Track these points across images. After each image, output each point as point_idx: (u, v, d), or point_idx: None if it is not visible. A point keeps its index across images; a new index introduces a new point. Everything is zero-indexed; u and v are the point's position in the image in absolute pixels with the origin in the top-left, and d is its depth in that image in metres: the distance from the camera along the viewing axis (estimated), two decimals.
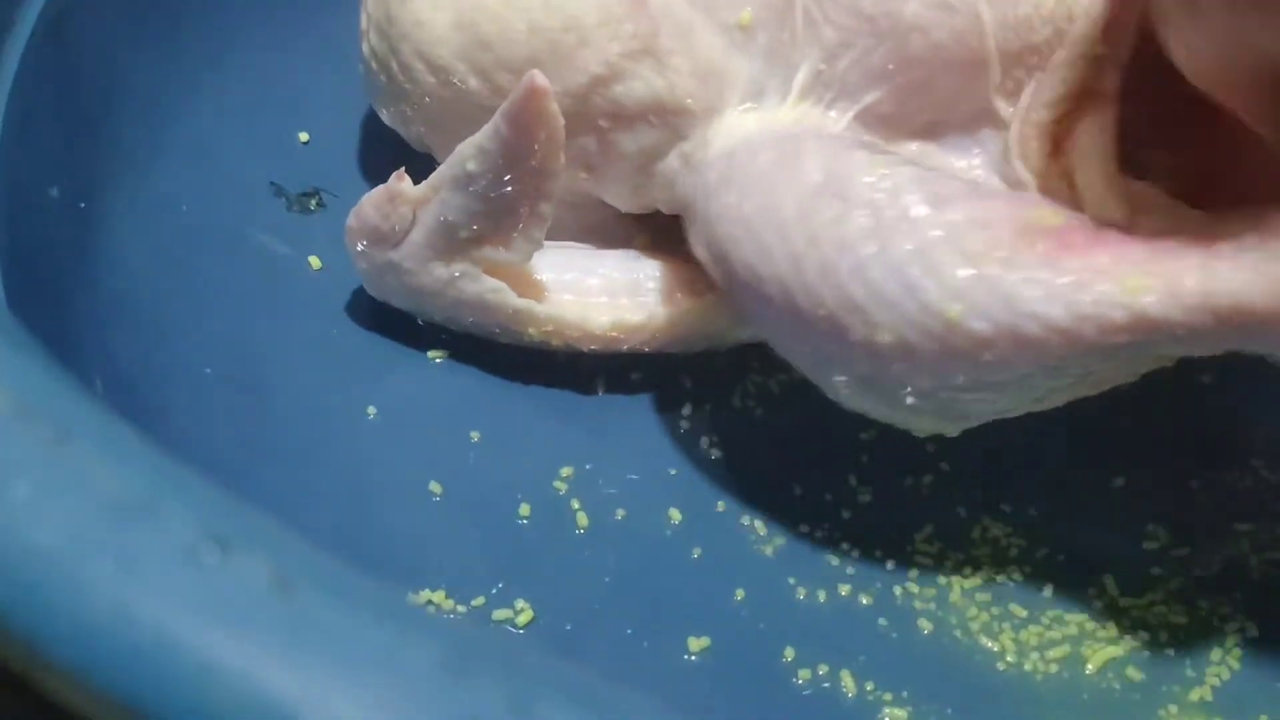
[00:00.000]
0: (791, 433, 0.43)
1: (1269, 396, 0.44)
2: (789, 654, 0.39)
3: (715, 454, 0.43)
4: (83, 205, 0.42)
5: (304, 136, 0.48)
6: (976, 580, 0.41)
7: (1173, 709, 0.38)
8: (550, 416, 0.43)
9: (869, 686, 0.39)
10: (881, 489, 0.42)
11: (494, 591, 0.40)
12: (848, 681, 0.39)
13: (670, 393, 0.44)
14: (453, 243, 0.41)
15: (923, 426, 0.39)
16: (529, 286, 0.43)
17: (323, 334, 0.44)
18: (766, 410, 0.44)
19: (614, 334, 0.43)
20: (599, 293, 0.43)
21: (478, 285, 0.42)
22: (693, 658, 0.39)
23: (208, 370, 0.42)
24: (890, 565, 0.41)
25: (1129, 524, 0.42)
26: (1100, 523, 0.42)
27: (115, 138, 0.44)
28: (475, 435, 0.43)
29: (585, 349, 0.43)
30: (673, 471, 0.43)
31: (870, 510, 0.42)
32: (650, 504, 0.42)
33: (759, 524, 0.42)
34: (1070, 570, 0.41)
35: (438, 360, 0.44)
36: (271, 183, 0.47)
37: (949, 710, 0.38)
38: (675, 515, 0.42)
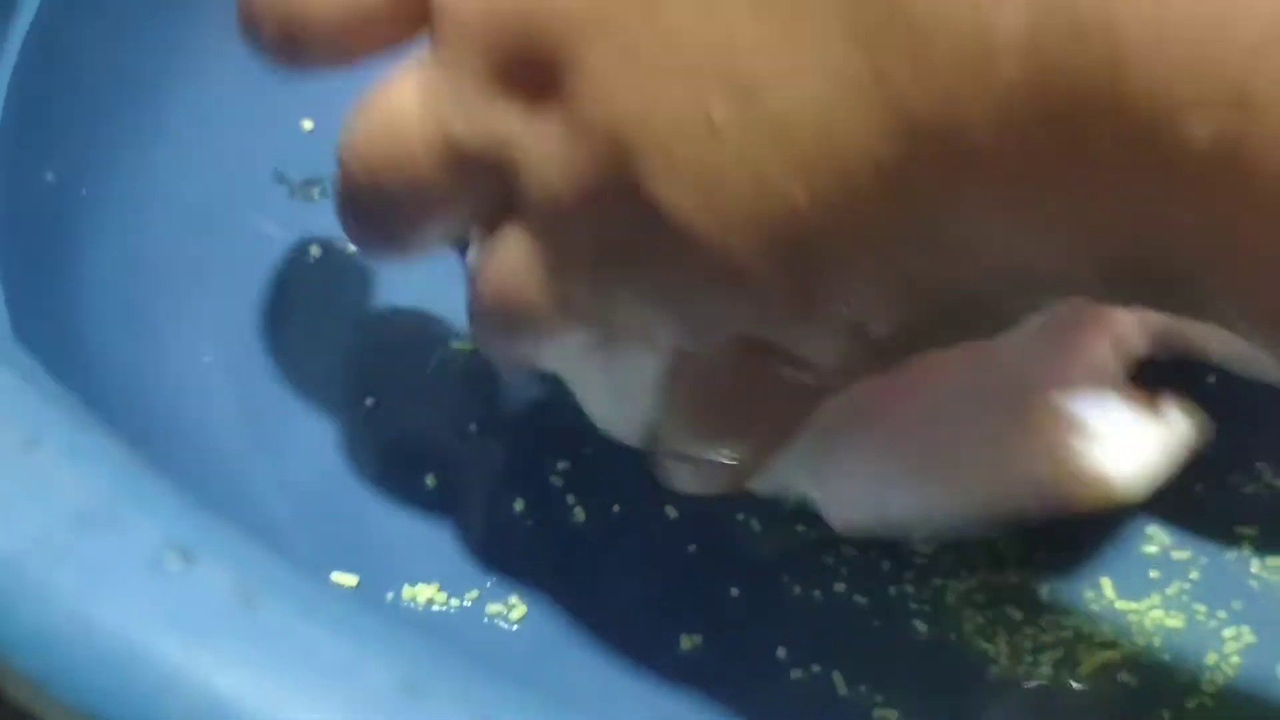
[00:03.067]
0: None
1: (1276, 399, 0.44)
2: (781, 653, 0.39)
3: None
4: (83, 192, 0.42)
5: (308, 124, 0.48)
6: (973, 582, 0.41)
7: (1166, 715, 0.38)
8: (549, 409, 0.42)
9: (861, 688, 0.39)
10: None
11: (488, 586, 0.40)
12: (839, 682, 0.39)
13: None
14: None
15: None
16: None
17: (322, 323, 0.43)
18: None
19: None
20: None
21: None
22: (684, 655, 0.39)
23: (206, 358, 0.42)
24: (886, 566, 0.41)
25: (1129, 526, 0.42)
26: (1099, 524, 0.42)
27: (114, 123, 0.44)
28: (473, 427, 0.43)
29: None
30: None
31: None
32: (646, 499, 0.42)
33: (754, 522, 0.41)
34: (1067, 573, 0.41)
35: (437, 352, 0.44)
36: (274, 169, 0.47)
37: (941, 713, 0.38)
38: (671, 511, 0.41)
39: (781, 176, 0.25)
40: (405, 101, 0.33)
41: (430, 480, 0.41)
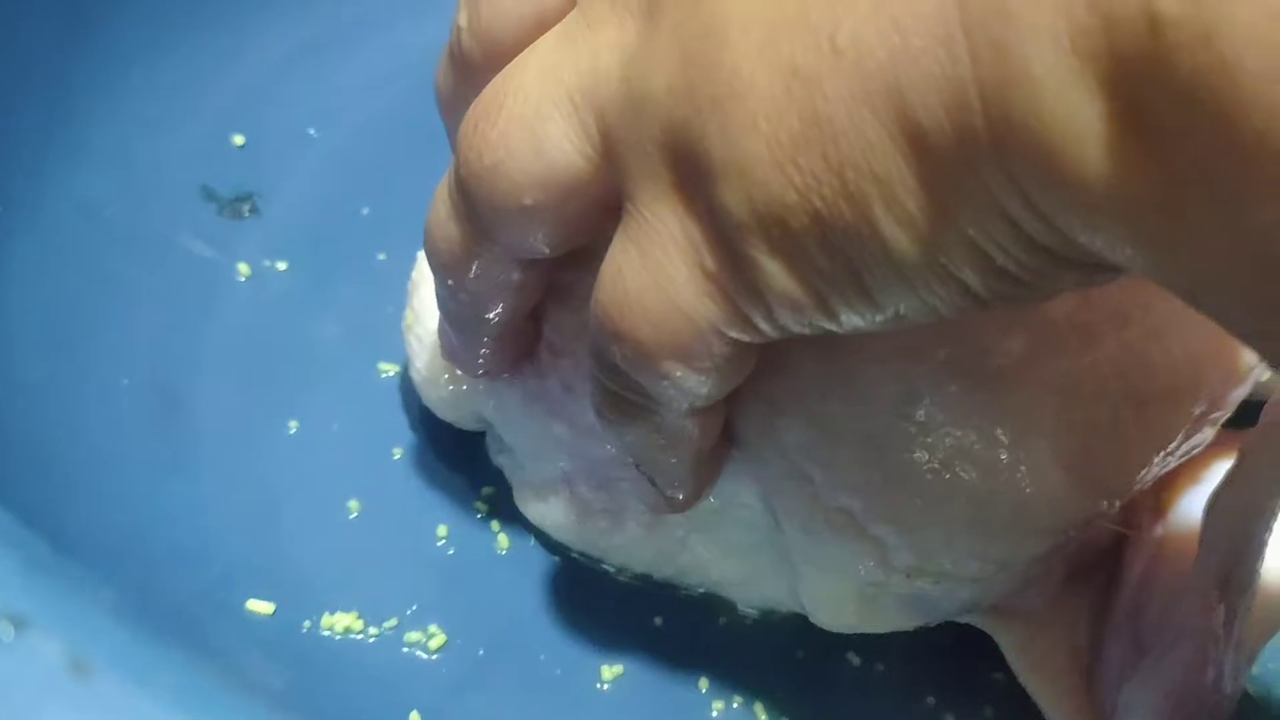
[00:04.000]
0: None
1: None
2: (703, 684, 0.39)
3: None
4: (1, 210, 0.42)
5: (239, 139, 0.47)
6: None
7: None
8: (475, 436, 0.42)
9: None
10: None
11: (408, 614, 0.39)
12: (761, 714, 0.38)
13: None
14: None
15: None
16: None
17: (246, 344, 0.43)
18: None
19: None
20: None
21: None
22: (605, 686, 0.39)
23: (125, 381, 0.42)
24: None
25: None
26: None
27: (32, 139, 0.43)
28: (397, 452, 0.42)
29: None
30: None
31: None
32: None
33: None
34: None
35: (363, 375, 0.44)
36: (203, 186, 0.46)
37: None
38: None
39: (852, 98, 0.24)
40: (536, 58, 0.30)
41: (352, 506, 0.41)
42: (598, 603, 0.40)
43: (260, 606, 0.39)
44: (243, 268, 0.45)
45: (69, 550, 0.37)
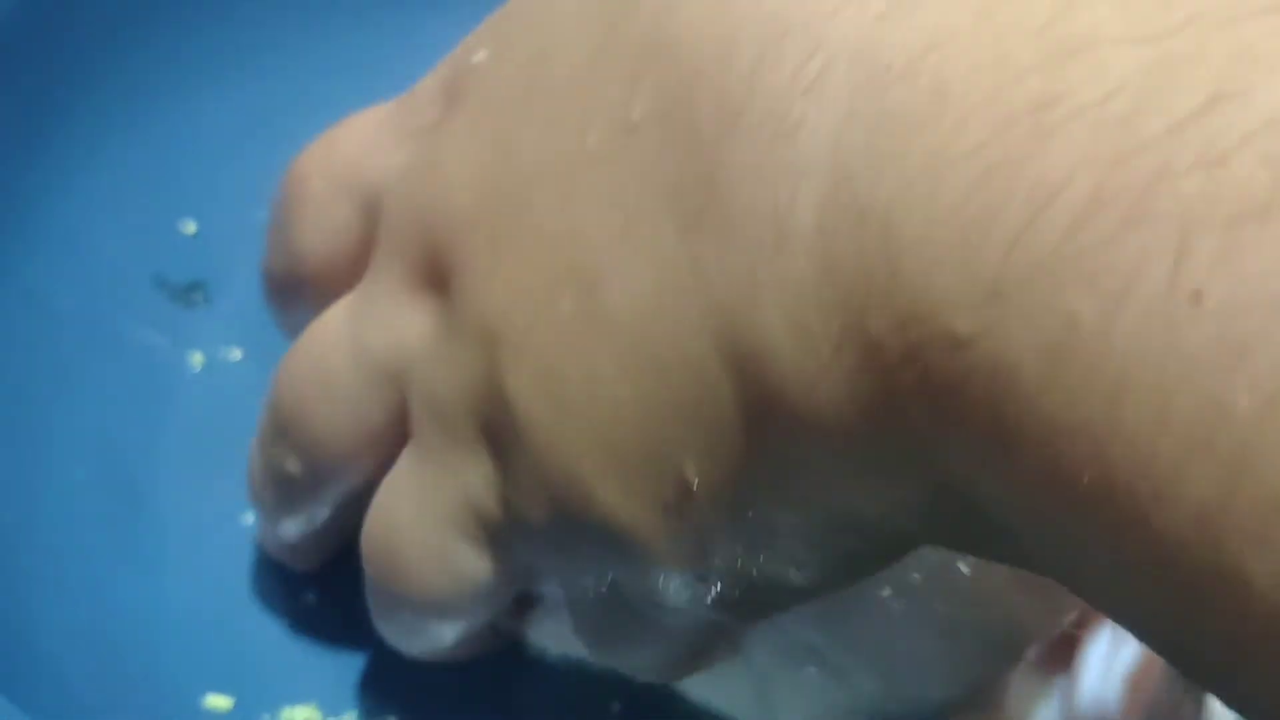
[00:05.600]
0: None
1: None
2: None
3: None
4: None
5: (190, 227, 0.47)
6: None
7: None
8: None
9: None
10: None
11: (366, 706, 0.39)
12: None
13: None
14: None
15: None
16: None
17: (201, 436, 0.43)
18: None
19: None
20: None
21: None
22: None
23: (80, 473, 0.41)
24: None
25: None
26: None
27: None
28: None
29: None
30: None
31: None
32: None
33: None
34: None
35: None
36: (153, 274, 0.46)
37: None
38: None
39: (612, 375, 0.25)
40: (333, 320, 0.33)
41: (310, 597, 0.41)
42: (556, 693, 0.40)
43: (219, 701, 0.38)
44: (196, 357, 0.44)
45: (26, 645, 0.36)
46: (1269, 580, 0.17)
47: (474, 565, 0.31)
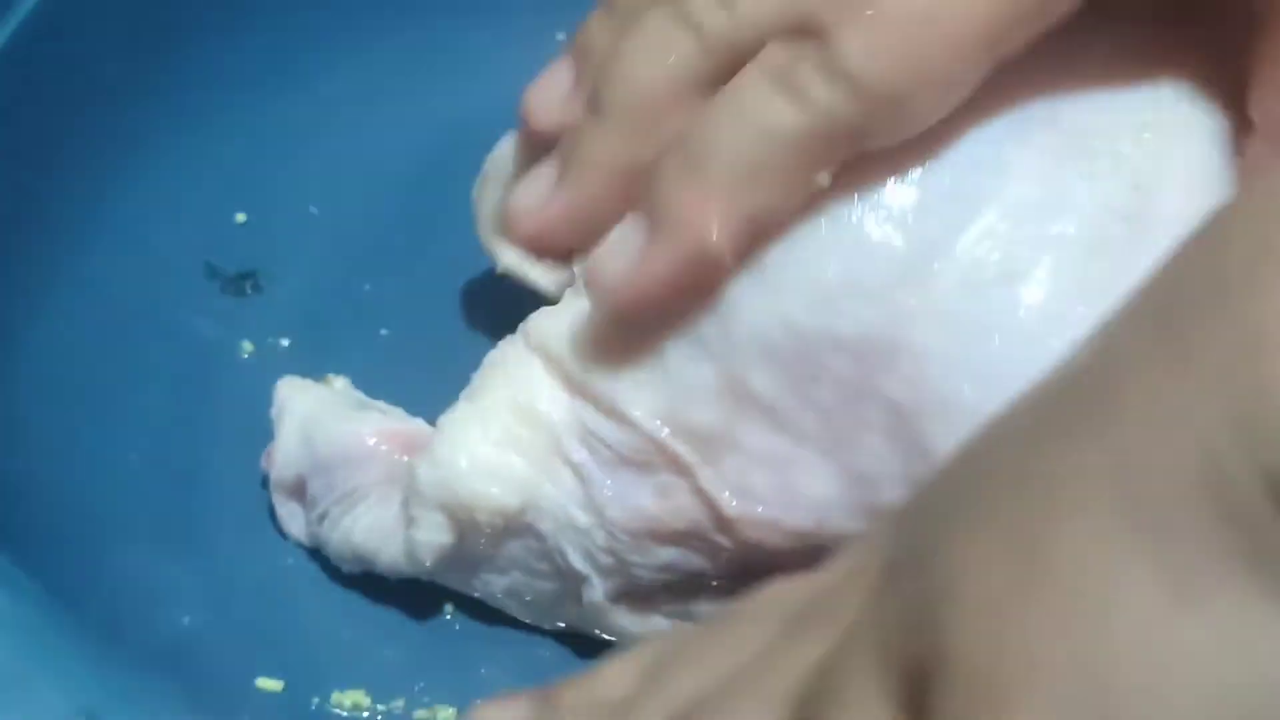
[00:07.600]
0: None
1: None
2: None
3: None
4: (16, 290, 0.42)
5: (241, 217, 0.47)
6: None
7: None
8: None
9: None
10: None
11: (415, 691, 0.39)
12: None
13: None
14: None
15: None
16: None
17: (252, 421, 0.43)
18: None
19: None
20: None
21: None
22: None
23: (133, 456, 0.42)
24: None
25: None
26: None
27: (44, 220, 0.44)
28: None
29: None
30: None
31: None
32: None
33: None
34: None
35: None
36: (206, 263, 0.46)
37: None
38: None
39: None
40: None
41: (361, 582, 0.41)
42: None
43: (269, 684, 0.39)
44: (247, 345, 0.45)
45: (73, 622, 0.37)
46: None
47: None
